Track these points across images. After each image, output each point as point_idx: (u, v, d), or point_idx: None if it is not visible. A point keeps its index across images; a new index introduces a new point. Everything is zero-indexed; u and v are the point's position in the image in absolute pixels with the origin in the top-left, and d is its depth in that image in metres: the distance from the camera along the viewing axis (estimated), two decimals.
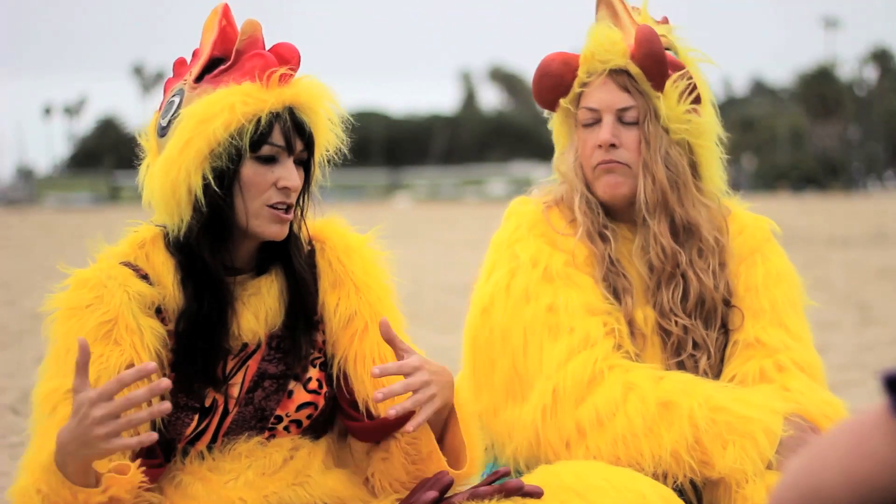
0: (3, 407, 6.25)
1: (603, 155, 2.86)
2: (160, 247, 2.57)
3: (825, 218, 33.19)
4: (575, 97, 2.91)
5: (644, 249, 2.88)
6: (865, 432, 1.23)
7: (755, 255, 2.92)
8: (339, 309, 2.63)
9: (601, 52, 2.87)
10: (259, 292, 2.58)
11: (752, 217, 2.99)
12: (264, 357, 2.58)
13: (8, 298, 13.30)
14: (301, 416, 2.58)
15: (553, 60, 2.93)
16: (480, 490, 2.53)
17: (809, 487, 1.25)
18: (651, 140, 2.85)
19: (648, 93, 2.86)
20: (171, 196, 2.48)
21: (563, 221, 2.94)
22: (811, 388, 2.79)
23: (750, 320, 2.85)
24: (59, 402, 2.43)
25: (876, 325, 9.88)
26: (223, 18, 2.57)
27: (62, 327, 2.50)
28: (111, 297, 2.48)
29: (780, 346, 2.82)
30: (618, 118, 2.86)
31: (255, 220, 2.51)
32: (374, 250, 2.71)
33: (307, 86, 2.55)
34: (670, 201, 2.85)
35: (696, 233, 2.87)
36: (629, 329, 2.85)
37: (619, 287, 2.86)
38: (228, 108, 2.47)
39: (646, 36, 2.84)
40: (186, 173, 2.47)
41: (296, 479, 2.55)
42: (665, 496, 2.58)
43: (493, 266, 2.93)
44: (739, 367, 2.81)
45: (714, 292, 2.85)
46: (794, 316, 2.89)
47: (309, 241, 2.67)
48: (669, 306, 2.84)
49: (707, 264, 2.87)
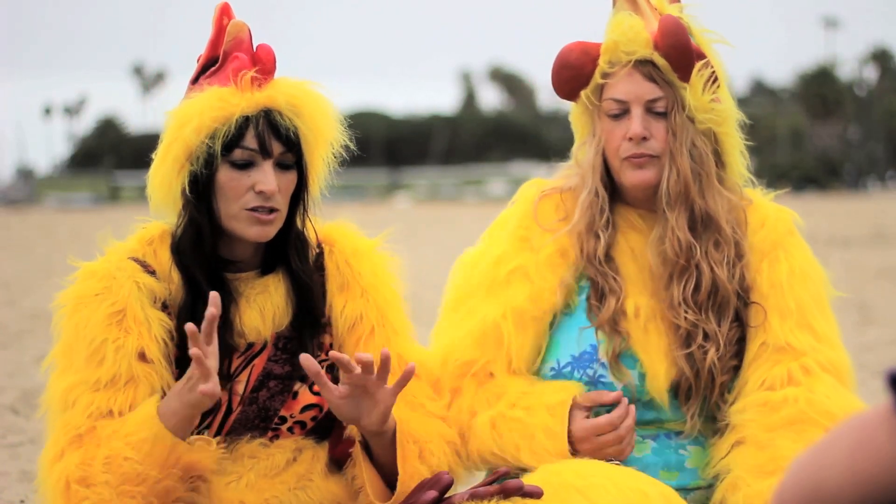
0: (3, 407, 6.25)
1: (634, 148, 2.83)
2: (168, 243, 2.58)
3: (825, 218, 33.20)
4: (597, 87, 2.88)
5: (660, 240, 2.85)
6: (869, 430, 1.23)
7: (777, 250, 2.89)
8: (346, 312, 2.64)
9: (625, 42, 2.83)
10: (266, 290, 2.59)
11: (774, 208, 2.95)
12: (270, 357, 2.58)
13: (8, 298, 13.30)
14: (305, 418, 2.58)
15: (572, 51, 2.88)
16: (480, 490, 2.53)
17: (813, 485, 1.25)
18: (678, 131, 2.83)
19: (675, 83, 2.83)
20: (162, 196, 2.53)
21: (559, 213, 2.93)
22: (837, 392, 2.76)
23: (777, 321, 2.81)
24: (79, 397, 2.45)
25: (876, 325, 9.87)
26: (224, 16, 2.57)
27: (71, 319, 2.51)
28: (119, 287, 2.50)
29: (807, 349, 2.79)
30: (647, 109, 2.84)
31: (235, 223, 2.52)
32: (383, 254, 2.72)
33: (285, 87, 2.54)
34: (692, 193, 2.83)
35: (714, 224, 2.85)
36: (620, 321, 2.84)
37: (606, 288, 2.85)
38: (199, 113, 2.48)
39: (672, 27, 2.80)
40: (170, 177, 2.50)
41: (297, 482, 2.55)
42: (666, 494, 2.58)
43: (482, 240, 2.98)
44: (768, 371, 2.78)
45: (728, 284, 2.83)
46: (820, 316, 2.85)
47: (318, 243, 2.68)
48: (679, 299, 2.82)
49: (723, 256, 2.84)
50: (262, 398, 2.57)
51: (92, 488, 2.37)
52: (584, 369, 2.80)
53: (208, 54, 2.58)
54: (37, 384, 6.68)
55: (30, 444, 5.29)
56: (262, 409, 2.56)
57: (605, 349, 2.80)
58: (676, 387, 2.81)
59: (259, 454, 2.55)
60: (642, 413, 2.80)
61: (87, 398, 2.44)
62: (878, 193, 78.43)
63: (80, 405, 2.44)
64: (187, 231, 2.54)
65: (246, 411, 2.55)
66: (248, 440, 2.55)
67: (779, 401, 2.74)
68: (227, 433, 2.55)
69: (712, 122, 2.85)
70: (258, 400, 2.56)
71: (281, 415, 2.57)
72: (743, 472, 2.69)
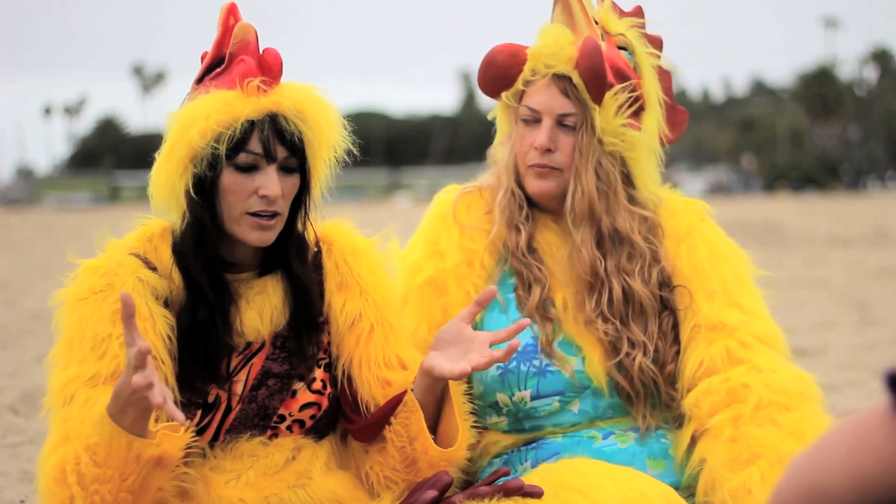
0: (3, 407, 6.24)
1: (538, 158, 2.91)
2: (168, 241, 2.58)
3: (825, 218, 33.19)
4: (517, 92, 2.95)
5: (570, 257, 2.92)
6: (867, 430, 1.23)
7: (694, 234, 2.96)
8: (345, 310, 2.64)
9: (549, 54, 2.90)
10: (265, 291, 2.59)
11: (683, 201, 3.03)
12: (269, 356, 2.58)
13: (8, 298, 13.29)
14: (304, 416, 2.59)
15: (500, 52, 2.95)
16: (480, 490, 2.53)
17: (811, 485, 1.25)
18: (584, 149, 2.90)
19: (587, 103, 2.90)
20: (164, 196, 2.52)
21: (477, 211, 2.98)
22: (781, 365, 2.82)
23: (705, 302, 2.88)
24: (78, 390, 2.43)
25: (876, 325, 9.86)
26: (230, 16, 2.57)
27: (73, 315, 2.50)
28: (122, 284, 2.49)
29: (739, 325, 2.85)
30: (557, 122, 2.91)
31: (237, 227, 2.53)
32: (381, 253, 2.72)
33: (291, 92, 2.53)
34: (597, 210, 2.90)
35: (625, 239, 2.91)
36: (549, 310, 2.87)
37: (532, 278, 2.89)
38: (204, 116, 2.48)
39: (588, 50, 2.86)
40: (173, 178, 2.50)
41: (297, 480, 2.55)
42: (665, 494, 2.59)
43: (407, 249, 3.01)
44: (705, 351, 2.83)
45: (643, 289, 2.88)
46: (745, 293, 2.92)
47: (316, 242, 2.68)
48: (594, 315, 2.87)
49: (636, 266, 2.90)
50: (261, 397, 2.57)
51: (83, 477, 2.33)
52: (529, 361, 2.85)
53: (214, 54, 2.57)
54: (37, 384, 6.68)
55: (30, 444, 5.29)
56: (262, 407, 2.57)
57: (540, 338, 2.84)
58: (618, 392, 2.85)
59: (258, 453, 2.55)
60: (597, 402, 2.85)
61: (86, 393, 2.43)
62: (878, 193, 78.40)
63: (78, 400, 2.43)
64: (190, 232, 2.53)
65: (245, 410, 2.56)
66: (247, 439, 2.55)
67: (736, 386, 2.78)
68: (226, 432, 2.55)
69: (620, 147, 2.92)
70: (257, 398, 2.56)
71: (280, 413, 2.58)
72: (719, 467, 2.72)
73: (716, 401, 2.77)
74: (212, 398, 2.54)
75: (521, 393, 2.85)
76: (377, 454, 2.62)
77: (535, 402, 2.85)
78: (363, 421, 2.61)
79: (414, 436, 2.57)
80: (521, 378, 2.84)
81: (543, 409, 2.85)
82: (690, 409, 2.80)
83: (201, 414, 2.52)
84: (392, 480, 2.61)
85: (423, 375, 2.56)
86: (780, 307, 3.08)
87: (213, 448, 2.55)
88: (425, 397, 2.57)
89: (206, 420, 2.53)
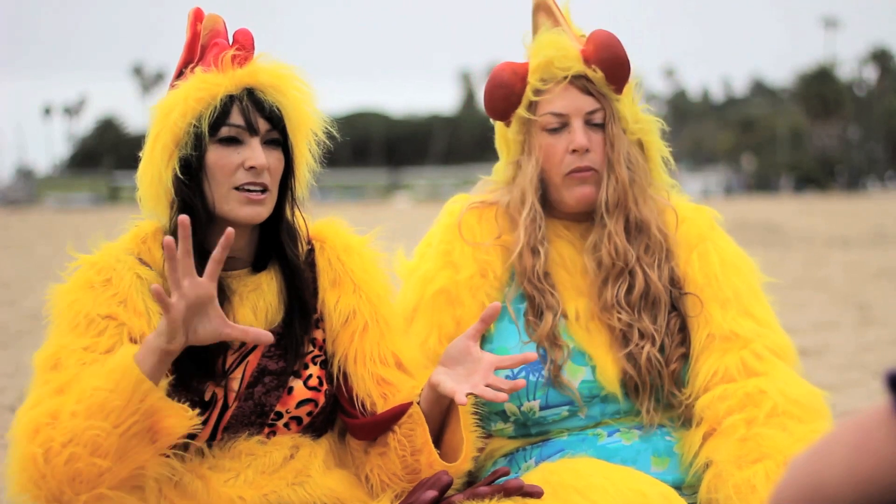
0: (3, 407, 6.25)
1: (577, 161, 2.90)
2: (161, 241, 2.58)
3: (825, 218, 33.21)
4: (530, 105, 2.94)
5: (595, 247, 2.92)
6: (868, 430, 1.23)
7: (705, 242, 2.97)
8: (339, 307, 2.65)
9: (559, 59, 2.90)
10: (259, 288, 2.60)
11: (691, 208, 3.03)
12: (264, 353, 2.59)
13: (8, 298, 13.31)
14: (301, 413, 2.59)
15: (503, 70, 2.96)
16: (480, 490, 2.53)
17: (812, 485, 1.25)
18: (615, 142, 2.91)
19: (608, 95, 2.91)
20: (153, 189, 2.54)
21: (489, 224, 2.97)
22: (795, 381, 2.82)
23: (718, 312, 2.88)
24: (67, 357, 2.43)
25: (876, 325, 9.88)
26: (197, 22, 2.63)
27: (65, 300, 2.50)
28: (120, 279, 2.51)
29: (753, 336, 2.85)
30: (585, 121, 2.91)
31: (226, 205, 2.53)
32: (374, 250, 2.73)
33: (266, 66, 2.58)
34: (628, 201, 2.92)
35: (645, 230, 2.93)
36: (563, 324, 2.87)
37: (543, 304, 2.88)
38: (183, 98, 2.52)
39: (605, 41, 2.89)
40: (159, 168, 2.52)
41: (296, 478, 2.55)
42: (665, 494, 2.59)
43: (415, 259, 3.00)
44: (719, 360, 2.83)
45: (659, 283, 2.90)
46: (757, 302, 2.92)
47: (308, 240, 2.69)
48: (613, 302, 2.88)
49: (654, 259, 2.92)
50: (258, 394, 2.57)
51: (59, 426, 2.31)
52: (538, 372, 2.85)
53: (186, 57, 2.62)
54: None
55: None
56: (258, 404, 2.57)
57: (548, 366, 2.84)
58: (625, 384, 2.86)
59: (257, 451, 2.55)
60: (605, 408, 2.85)
61: (77, 357, 2.42)
62: (877, 193, 78.41)
63: (68, 365, 2.41)
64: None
65: (242, 407, 2.56)
66: (245, 437, 2.56)
67: (753, 392, 2.78)
68: (224, 430, 2.55)
69: (641, 132, 2.95)
70: (254, 396, 2.57)
71: (277, 410, 2.58)
72: (725, 463, 2.72)
73: (731, 404, 2.77)
74: (208, 396, 2.54)
75: (530, 403, 2.84)
76: (378, 458, 2.62)
77: (543, 411, 2.85)
78: (363, 419, 2.61)
79: (418, 448, 2.57)
80: (530, 389, 2.83)
81: (552, 418, 2.86)
82: (703, 411, 2.80)
83: (198, 412, 2.52)
84: (392, 482, 2.61)
85: (429, 388, 2.56)
86: (781, 307, 3.07)
87: (212, 447, 2.55)
88: (431, 409, 2.58)
89: (204, 417, 2.52)
